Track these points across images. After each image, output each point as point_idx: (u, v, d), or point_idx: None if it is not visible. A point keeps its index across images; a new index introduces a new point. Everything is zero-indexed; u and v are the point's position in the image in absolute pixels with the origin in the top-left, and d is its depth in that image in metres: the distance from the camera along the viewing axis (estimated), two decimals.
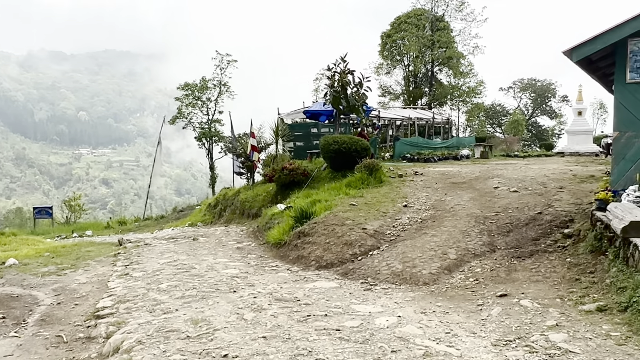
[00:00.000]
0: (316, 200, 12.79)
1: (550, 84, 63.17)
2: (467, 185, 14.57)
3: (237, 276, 8.42)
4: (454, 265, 7.98)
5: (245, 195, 19.56)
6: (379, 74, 49.51)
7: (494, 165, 20.92)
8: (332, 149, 16.46)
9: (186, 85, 36.36)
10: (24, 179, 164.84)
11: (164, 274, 8.90)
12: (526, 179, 14.69)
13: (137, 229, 27.21)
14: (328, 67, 18.70)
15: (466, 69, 48.51)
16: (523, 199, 11.74)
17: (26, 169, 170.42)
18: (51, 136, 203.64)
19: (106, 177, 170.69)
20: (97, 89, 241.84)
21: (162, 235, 16.56)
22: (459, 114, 49.36)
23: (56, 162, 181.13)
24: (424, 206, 12.14)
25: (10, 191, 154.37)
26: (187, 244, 13.27)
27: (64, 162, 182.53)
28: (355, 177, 14.89)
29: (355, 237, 9.69)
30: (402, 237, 9.77)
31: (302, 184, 16.93)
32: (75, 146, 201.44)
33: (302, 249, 10.05)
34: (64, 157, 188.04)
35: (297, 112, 25.06)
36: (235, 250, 11.86)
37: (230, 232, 15.42)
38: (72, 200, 30.45)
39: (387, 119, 29.66)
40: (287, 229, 11.44)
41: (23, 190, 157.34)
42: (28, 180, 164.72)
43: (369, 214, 11.14)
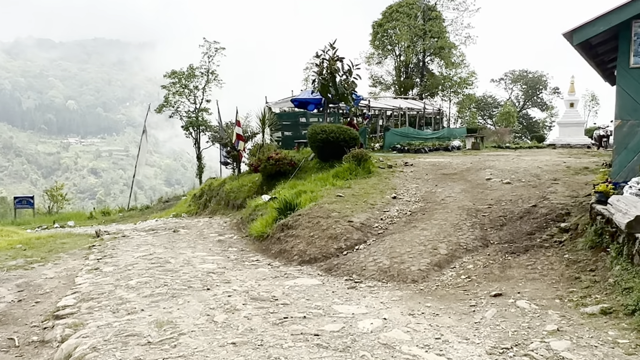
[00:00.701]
0: (301, 191, 12.25)
1: (541, 76, 62.88)
2: (459, 177, 14.09)
3: (213, 272, 7.88)
4: (444, 261, 7.48)
5: (230, 185, 18.97)
6: (370, 64, 48.89)
7: (485, 157, 20.48)
8: (319, 139, 15.90)
9: (173, 73, 35.57)
10: (12, 168, 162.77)
11: (136, 268, 8.34)
12: (519, 170, 14.25)
13: (121, 219, 26.55)
14: (316, 54, 18.10)
15: (458, 59, 47.97)
16: (516, 191, 11.28)
17: (13, 158, 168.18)
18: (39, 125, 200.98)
19: (95, 167, 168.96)
20: (86, 78, 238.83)
21: (142, 226, 15.96)
22: (450, 105, 48.96)
23: (44, 151, 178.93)
24: (414, 198, 11.64)
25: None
26: (167, 236, 12.70)
27: (52, 152, 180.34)
28: (343, 167, 14.36)
29: (340, 231, 9.17)
30: (391, 231, 9.26)
31: (288, 175, 16.38)
32: (64, 135, 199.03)
33: (285, 243, 9.52)
34: (52, 146, 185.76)
35: (285, 100, 24.42)
36: (215, 243, 11.30)
37: (213, 224, 14.86)
38: (55, 190, 29.66)
39: (378, 108, 29.10)
40: (270, 222, 10.91)
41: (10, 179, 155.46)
42: (15, 169, 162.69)
43: (356, 205, 10.63)
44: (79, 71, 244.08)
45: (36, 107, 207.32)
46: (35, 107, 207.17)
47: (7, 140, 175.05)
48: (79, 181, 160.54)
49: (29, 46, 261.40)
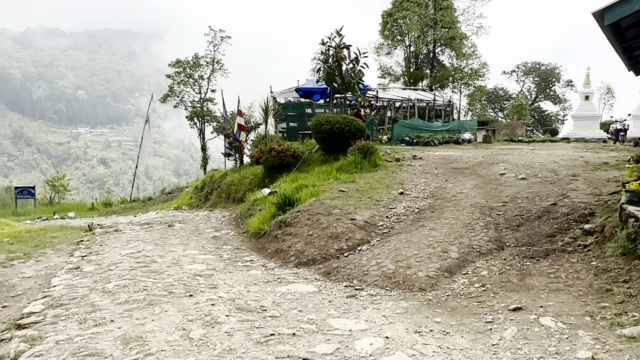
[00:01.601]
0: (302, 186, 11.51)
1: (554, 68, 61.54)
2: (470, 171, 13.31)
3: (201, 274, 7.18)
4: (455, 266, 6.73)
5: (232, 178, 18.30)
6: (379, 55, 47.76)
7: (497, 150, 19.68)
8: (324, 130, 15.15)
9: (177, 62, 34.81)
10: (22, 157, 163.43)
11: (118, 269, 7.66)
12: (534, 165, 13.46)
13: (122, 211, 25.98)
14: (322, 41, 17.30)
15: (469, 50, 46.81)
16: (533, 188, 10.49)
17: (24, 148, 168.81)
18: (49, 115, 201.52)
19: (104, 157, 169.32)
20: (96, 68, 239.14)
21: (138, 220, 15.32)
22: (461, 97, 47.90)
23: (54, 141, 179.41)
24: (423, 194, 10.88)
25: (8, 169, 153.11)
26: (161, 231, 12.04)
27: (62, 141, 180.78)
28: (348, 160, 13.61)
29: (342, 229, 8.43)
30: (397, 230, 8.51)
31: (291, 167, 15.65)
32: (74, 125, 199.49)
33: (282, 241, 8.81)
34: (62, 136, 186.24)
35: (290, 90, 23.62)
36: (210, 239, 10.62)
37: (211, 218, 14.19)
38: (56, 180, 29.12)
39: (386, 99, 28.23)
40: (268, 218, 10.20)
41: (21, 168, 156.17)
42: (26, 158, 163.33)
43: (360, 202, 9.88)
44: (89, 61, 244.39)
45: (46, 96, 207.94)
46: (46, 96, 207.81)
47: (18, 130, 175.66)
48: (89, 171, 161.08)
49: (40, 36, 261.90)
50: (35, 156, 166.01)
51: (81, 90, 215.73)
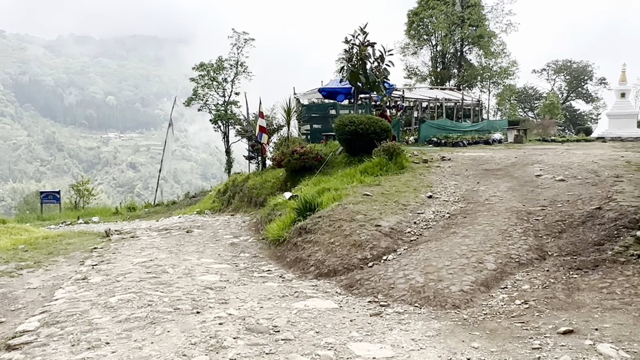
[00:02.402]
0: (324, 189, 10.90)
1: (586, 66, 59.71)
2: (503, 173, 12.52)
3: (212, 286, 6.63)
4: (493, 278, 6.03)
5: (253, 181, 17.79)
6: (405, 55, 46.91)
7: (530, 150, 18.76)
8: (347, 131, 14.52)
9: (201, 66, 34.61)
10: (54, 162, 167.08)
11: (127, 279, 7.17)
12: (572, 165, 12.58)
13: (146, 215, 25.80)
14: (345, 39, 16.67)
15: (498, 48, 45.59)
16: (573, 190, 9.68)
17: (56, 153, 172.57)
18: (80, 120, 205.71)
19: (133, 161, 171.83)
20: (125, 74, 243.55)
21: (157, 225, 14.93)
22: (489, 97, 46.66)
23: (85, 145, 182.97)
24: (453, 197, 10.16)
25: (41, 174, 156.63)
26: (178, 237, 11.58)
27: (93, 146, 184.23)
28: (373, 162, 12.94)
29: (366, 237, 7.79)
30: (426, 238, 7.83)
31: (314, 170, 15.06)
32: (104, 130, 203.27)
33: (302, 250, 8.21)
34: (93, 140, 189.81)
35: (313, 91, 23.08)
36: (227, 247, 10.09)
37: (231, 224, 13.69)
38: (81, 185, 29.15)
39: (412, 99, 27.46)
40: (287, 224, 9.62)
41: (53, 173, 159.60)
42: (58, 163, 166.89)
43: (386, 206, 9.21)
44: (118, 67, 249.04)
45: (77, 102, 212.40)
46: (77, 102, 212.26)
47: (50, 135, 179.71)
48: (118, 175, 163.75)
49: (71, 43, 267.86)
50: (67, 161, 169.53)
51: (111, 95, 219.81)
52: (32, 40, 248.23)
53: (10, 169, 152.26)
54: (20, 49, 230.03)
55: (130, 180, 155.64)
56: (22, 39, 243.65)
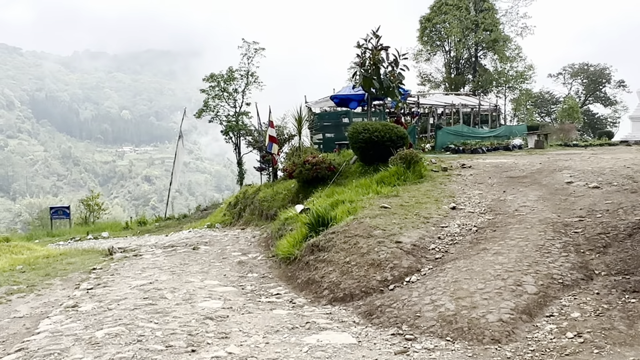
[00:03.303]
0: (338, 202, 10.12)
1: (604, 69, 58.36)
2: (530, 180, 11.66)
3: (213, 315, 5.87)
4: (535, 304, 5.19)
5: (264, 193, 17.08)
6: (418, 61, 46.15)
7: (554, 156, 17.81)
8: (362, 139, 13.75)
9: (212, 76, 34.10)
10: (70, 176, 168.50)
11: (120, 307, 6.45)
12: (604, 171, 11.67)
13: (156, 229, 25.19)
14: (357, 44, 15.95)
15: (513, 52, 44.63)
16: (611, 198, 8.80)
17: (72, 167, 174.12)
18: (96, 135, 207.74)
19: (148, 174, 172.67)
20: (140, 88, 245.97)
21: (164, 242, 14.23)
22: (506, 102, 45.61)
23: (100, 160, 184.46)
24: (479, 208, 9.32)
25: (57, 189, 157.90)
26: (183, 255, 10.87)
27: (108, 160, 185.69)
28: (389, 171, 12.13)
29: (385, 255, 6.98)
30: (452, 255, 7.00)
31: (327, 180, 14.31)
32: (119, 144, 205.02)
33: (315, 270, 7.43)
34: (108, 155, 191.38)
35: (325, 99, 22.36)
36: (234, 266, 9.34)
37: (240, 239, 12.97)
38: (90, 199, 28.68)
39: (428, 105, 26.62)
40: (299, 240, 8.85)
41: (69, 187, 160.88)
42: (74, 178, 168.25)
43: (406, 220, 8.40)
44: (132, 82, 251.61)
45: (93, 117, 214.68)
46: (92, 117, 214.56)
47: (66, 150, 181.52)
48: (134, 188, 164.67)
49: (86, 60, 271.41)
50: (83, 175, 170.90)
51: (125, 110, 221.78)
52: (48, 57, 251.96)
53: (27, 184, 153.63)
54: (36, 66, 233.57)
55: (146, 194, 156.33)
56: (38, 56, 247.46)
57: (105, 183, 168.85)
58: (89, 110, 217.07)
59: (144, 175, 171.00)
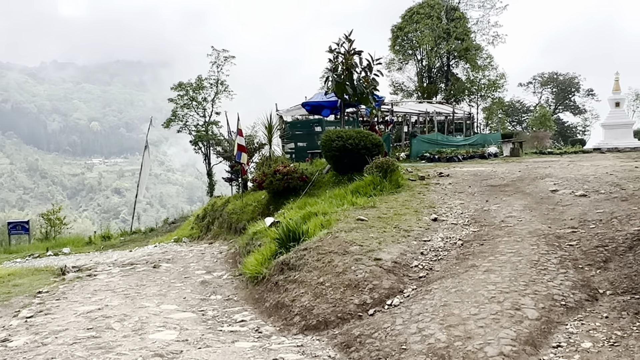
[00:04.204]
0: (311, 214, 9.34)
1: (573, 78, 59.27)
2: (513, 189, 11.08)
3: (165, 351, 4.99)
4: (539, 332, 4.48)
5: (233, 205, 16.19)
6: (390, 70, 45.88)
7: (532, 164, 17.41)
8: (335, 147, 13.02)
9: (180, 85, 33.14)
10: (37, 190, 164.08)
11: (57, 342, 5.53)
12: (588, 178, 11.19)
13: (121, 244, 23.97)
14: (330, 49, 15.25)
15: (485, 61, 44.71)
16: (602, 207, 8.23)
17: (39, 180, 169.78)
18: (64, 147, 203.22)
19: (118, 187, 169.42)
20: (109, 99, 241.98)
21: (123, 259, 13.19)
22: (478, 111, 45.64)
23: (69, 172, 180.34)
24: (462, 219, 8.65)
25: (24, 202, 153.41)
26: (141, 275, 9.92)
27: (77, 173, 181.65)
28: (365, 180, 11.41)
29: (363, 275, 6.21)
30: (438, 273, 6.27)
31: (299, 191, 13.53)
32: (88, 156, 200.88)
33: (285, 292, 6.61)
34: (77, 167, 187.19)
35: (297, 107, 21.63)
36: (197, 287, 8.46)
37: (206, 255, 12.06)
38: (52, 213, 27.28)
39: (402, 113, 26.11)
40: (267, 257, 8.03)
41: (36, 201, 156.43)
42: (41, 191, 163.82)
43: (384, 233, 7.65)
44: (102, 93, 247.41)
45: (61, 129, 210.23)
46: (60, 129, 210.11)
47: (33, 163, 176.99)
48: (103, 201, 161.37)
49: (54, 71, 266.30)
50: (51, 188, 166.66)
51: (95, 121, 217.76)
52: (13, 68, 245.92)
53: None
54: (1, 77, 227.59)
55: (116, 206, 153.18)
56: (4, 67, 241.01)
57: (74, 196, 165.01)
58: (57, 122, 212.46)
59: (113, 187, 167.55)
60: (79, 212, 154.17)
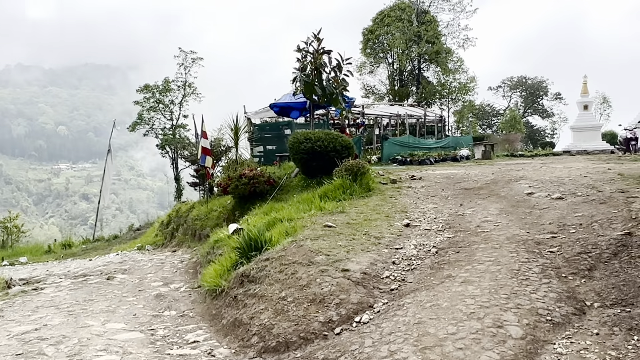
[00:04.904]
0: (276, 220, 8.73)
1: (541, 82, 60.16)
2: (487, 192, 10.68)
3: None
4: (524, 354, 3.96)
5: (198, 211, 15.46)
6: (361, 74, 45.69)
7: (505, 166, 17.19)
8: (303, 149, 12.44)
9: (146, 87, 32.12)
10: (1, 196, 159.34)
11: None
12: (563, 180, 10.87)
13: (82, 252, 22.91)
14: (298, 47, 14.69)
15: (455, 64, 44.83)
16: (580, 210, 7.84)
17: (3, 186, 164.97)
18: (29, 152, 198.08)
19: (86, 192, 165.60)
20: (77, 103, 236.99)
21: (79, 269, 12.33)
22: (449, 114, 45.74)
23: (35, 178, 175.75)
24: (436, 225, 8.15)
25: None
26: (94, 287, 9.15)
27: (43, 178, 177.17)
28: (334, 184, 10.86)
29: (330, 288, 5.62)
30: (411, 285, 5.73)
31: (267, 196, 12.91)
32: (55, 161, 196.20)
33: (243, 307, 5.98)
34: (43, 172, 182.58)
35: (265, 109, 20.96)
36: (151, 300, 7.76)
37: (166, 264, 11.33)
38: (8, 221, 25.98)
39: (373, 116, 25.70)
40: (227, 267, 7.38)
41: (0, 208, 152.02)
42: (5, 197, 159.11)
43: (354, 241, 7.09)
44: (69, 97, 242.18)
45: (26, 133, 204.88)
46: (26, 134, 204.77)
47: None
48: (71, 207, 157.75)
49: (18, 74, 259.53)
50: (15, 194, 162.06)
51: (62, 125, 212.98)
52: None
53: None
54: None
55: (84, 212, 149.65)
56: None
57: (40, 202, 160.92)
58: (22, 127, 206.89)
59: (81, 193, 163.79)
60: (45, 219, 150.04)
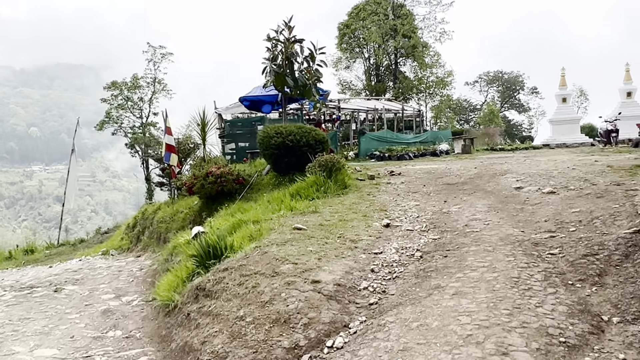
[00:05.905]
0: (241, 222, 7.77)
1: (517, 77, 60.19)
2: (472, 187, 9.91)
3: None
4: None
5: (164, 212, 14.42)
6: (337, 69, 44.88)
7: (487, 160, 16.53)
8: (274, 144, 11.51)
9: (114, 84, 30.78)
10: None
11: None
12: (552, 174, 10.18)
13: (46, 258, 21.57)
14: (268, 37, 13.72)
15: (432, 59, 44.25)
16: (577, 205, 7.09)
17: None
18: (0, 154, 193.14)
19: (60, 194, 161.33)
20: (49, 104, 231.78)
21: (27, 279, 11.19)
22: (426, 109, 45.17)
23: (6, 181, 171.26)
24: (419, 224, 7.30)
25: None
26: (35, 302, 8.10)
27: (15, 181, 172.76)
28: (307, 181, 9.94)
29: (297, 304, 4.71)
30: (394, 299, 4.85)
31: (236, 195, 11.93)
32: (27, 163, 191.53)
33: (196, 328, 5.04)
34: (15, 175, 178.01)
35: (237, 105, 19.94)
36: (96, 318, 6.76)
37: (124, 272, 10.29)
38: None
39: (349, 110, 24.83)
40: (183, 278, 6.43)
41: None
42: None
43: (326, 245, 6.19)
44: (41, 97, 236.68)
45: None
46: None
47: None
48: (44, 210, 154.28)
49: None
50: None
51: (34, 127, 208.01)
52: None
53: None
54: None
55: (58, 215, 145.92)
56: None
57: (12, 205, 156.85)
58: None
59: (55, 195, 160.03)
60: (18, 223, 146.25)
